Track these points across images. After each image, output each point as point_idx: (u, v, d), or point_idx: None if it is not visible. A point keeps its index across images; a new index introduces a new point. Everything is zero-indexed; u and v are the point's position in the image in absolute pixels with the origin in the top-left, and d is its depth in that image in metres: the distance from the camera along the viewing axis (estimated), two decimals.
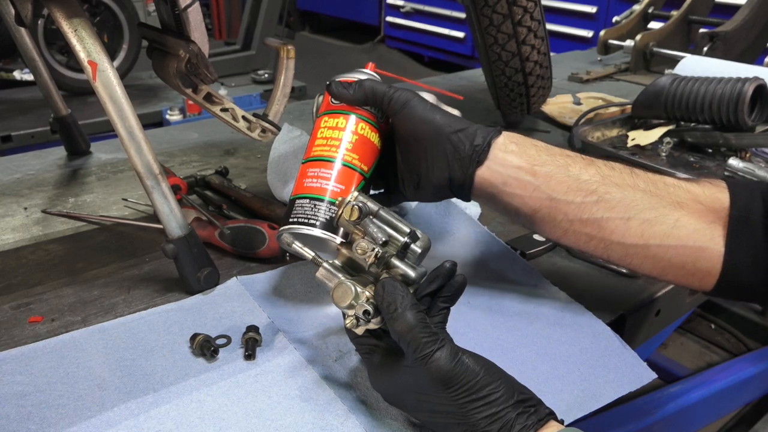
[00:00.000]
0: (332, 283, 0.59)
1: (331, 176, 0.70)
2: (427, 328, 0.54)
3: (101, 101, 0.68)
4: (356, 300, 0.57)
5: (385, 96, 0.70)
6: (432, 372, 0.52)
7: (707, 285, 0.65)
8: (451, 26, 4.63)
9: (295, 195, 0.71)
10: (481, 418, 0.52)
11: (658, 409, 1.26)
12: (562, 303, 0.78)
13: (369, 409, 0.61)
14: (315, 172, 0.71)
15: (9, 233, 0.94)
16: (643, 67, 1.90)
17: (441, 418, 0.54)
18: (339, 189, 0.70)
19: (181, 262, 0.76)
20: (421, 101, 0.70)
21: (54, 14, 0.66)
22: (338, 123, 0.72)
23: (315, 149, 0.72)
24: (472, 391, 0.52)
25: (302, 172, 0.72)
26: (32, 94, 2.70)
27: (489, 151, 0.68)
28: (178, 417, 0.59)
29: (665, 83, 1.23)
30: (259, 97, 3.10)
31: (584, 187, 0.66)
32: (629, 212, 0.65)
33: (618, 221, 0.65)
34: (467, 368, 0.53)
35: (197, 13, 0.92)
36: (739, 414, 1.62)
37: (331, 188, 0.70)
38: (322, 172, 0.70)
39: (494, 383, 0.53)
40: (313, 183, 0.70)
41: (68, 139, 1.22)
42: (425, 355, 0.53)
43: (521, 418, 0.51)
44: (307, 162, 0.72)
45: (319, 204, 0.69)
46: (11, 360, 0.66)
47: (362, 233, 0.60)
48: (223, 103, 0.96)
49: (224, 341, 0.69)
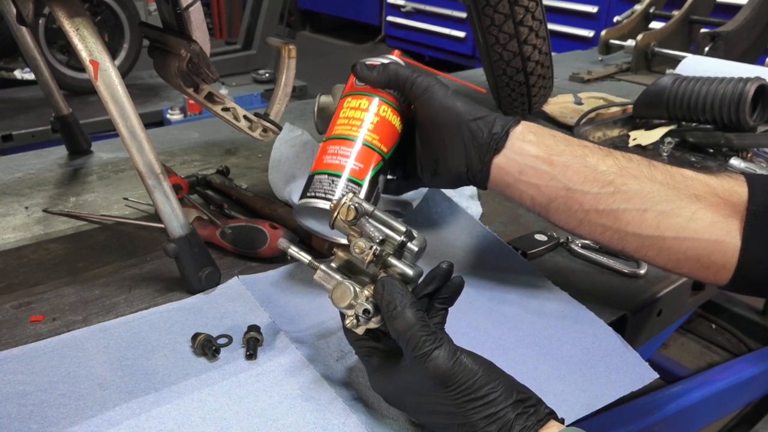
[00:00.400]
0: (330, 285, 0.59)
1: (351, 154, 0.71)
2: (426, 327, 0.54)
3: (103, 101, 0.68)
4: (355, 299, 0.57)
5: (408, 80, 0.71)
6: (430, 371, 0.52)
7: (722, 279, 0.65)
8: (451, 26, 4.63)
9: (315, 171, 0.73)
10: (479, 418, 0.52)
11: (658, 409, 1.26)
12: (564, 303, 0.78)
13: (370, 409, 0.61)
14: (335, 149, 0.72)
15: (10, 232, 0.94)
16: (644, 67, 1.90)
17: (441, 418, 0.54)
18: (358, 167, 0.71)
19: (183, 262, 0.76)
20: (443, 88, 0.71)
21: (56, 13, 0.66)
22: (361, 104, 0.73)
23: (337, 128, 0.74)
24: (470, 391, 0.52)
25: (323, 149, 0.74)
26: (33, 94, 2.70)
27: (507, 139, 0.68)
28: (180, 416, 0.59)
29: (667, 83, 1.23)
30: (260, 97, 3.10)
31: (601, 178, 0.66)
32: (645, 204, 0.65)
33: (634, 212, 0.65)
34: (465, 368, 0.52)
35: (199, 13, 0.92)
36: (739, 414, 1.62)
37: (350, 166, 0.71)
38: (342, 150, 0.72)
39: (493, 383, 0.52)
40: (333, 160, 0.71)
41: (69, 139, 1.22)
42: (424, 354, 0.53)
43: (521, 419, 0.51)
44: (329, 140, 0.74)
45: (338, 180, 0.70)
46: (13, 359, 0.66)
47: (358, 234, 0.60)
48: (224, 102, 0.96)
49: (225, 341, 0.69)
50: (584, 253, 0.88)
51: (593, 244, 0.89)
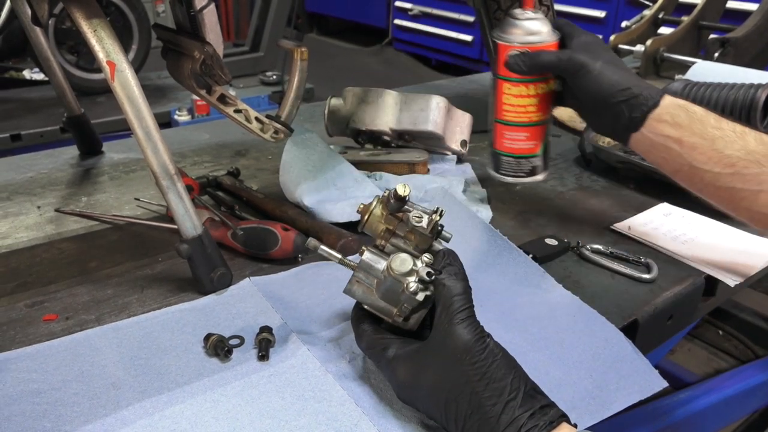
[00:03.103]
0: (383, 260, 0.63)
1: (524, 136, 0.90)
2: (471, 301, 0.58)
3: (119, 101, 0.69)
4: (415, 266, 0.61)
5: (556, 67, 0.82)
6: (456, 336, 0.55)
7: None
8: (459, 29, 4.63)
9: (499, 150, 0.93)
10: (491, 405, 0.52)
11: (666, 416, 1.26)
12: (575, 307, 0.77)
13: (382, 411, 0.61)
14: (511, 135, 0.90)
15: (23, 231, 0.95)
16: (653, 72, 1.89)
17: (452, 407, 0.54)
18: (532, 145, 0.91)
19: (195, 263, 0.77)
20: (593, 63, 0.79)
21: (74, 14, 0.67)
22: (520, 91, 0.87)
23: (507, 114, 0.89)
24: (487, 371, 0.53)
25: (499, 131, 0.92)
26: (42, 94, 2.71)
27: (645, 121, 0.77)
28: (193, 416, 0.60)
29: (677, 89, 1.22)
30: (267, 99, 3.10)
31: (724, 161, 0.73)
32: (761, 186, 0.72)
33: (748, 192, 0.73)
34: (489, 347, 0.55)
35: (212, 15, 0.92)
36: (747, 421, 1.61)
37: (527, 146, 0.91)
38: (518, 135, 0.90)
39: (510, 375, 0.53)
40: (512, 145, 0.91)
41: (81, 139, 1.23)
42: (460, 320, 0.56)
43: (533, 419, 0.51)
44: (502, 124, 0.91)
45: (521, 161, 0.92)
46: (27, 358, 0.67)
47: (392, 226, 0.64)
48: (236, 104, 0.96)
49: (237, 341, 0.70)
50: (594, 258, 0.88)
51: (604, 249, 0.89)
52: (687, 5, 2.01)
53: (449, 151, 1.16)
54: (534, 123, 0.89)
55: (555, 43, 0.85)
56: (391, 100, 1.13)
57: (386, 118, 1.12)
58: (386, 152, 1.11)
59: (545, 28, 0.86)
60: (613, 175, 1.15)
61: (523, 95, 0.87)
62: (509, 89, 0.88)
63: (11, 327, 0.72)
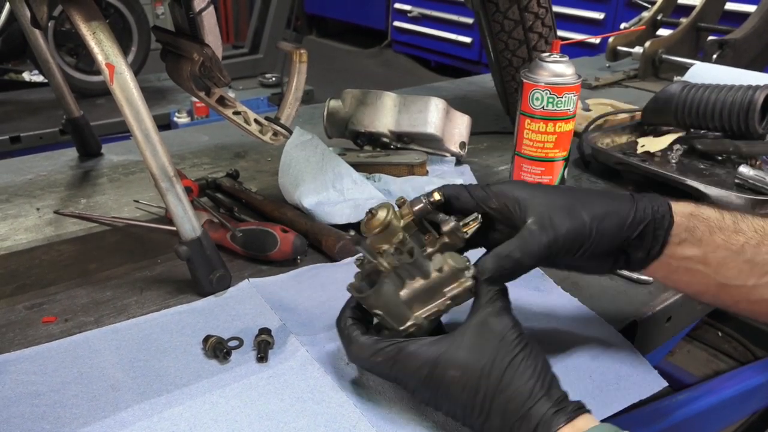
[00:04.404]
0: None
1: (540, 171, 0.97)
2: (507, 294, 0.61)
3: (118, 103, 0.69)
4: None
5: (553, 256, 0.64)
6: (494, 322, 0.56)
7: None
8: (458, 31, 4.64)
9: None
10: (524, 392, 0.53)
11: (665, 417, 1.25)
12: (574, 308, 0.78)
13: (381, 412, 0.61)
14: (528, 168, 0.97)
15: (22, 233, 0.95)
16: (651, 73, 1.90)
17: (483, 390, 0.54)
18: (547, 179, 0.97)
19: (194, 264, 0.77)
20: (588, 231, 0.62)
21: (73, 17, 0.67)
22: (539, 127, 0.94)
23: (525, 148, 0.97)
24: (512, 354, 0.55)
25: (517, 164, 0.99)
26: (41, 96, 2.71)
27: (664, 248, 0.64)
28: (192, 418, 0.60)
29: (675, 90, 1.23)
30: (266, 101, 3.10)
31: (758, 271, 0.62)
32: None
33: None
34: (520, 334, 0.56)
35: (211, 17, 0.93)
36: (746, 423, 1.61)
37: (543, 181, 0.97)
38: (534, 169, 0.97)
39: (533, 365, 0.55)
40: (529, 177, 0.98)
41: (80, 141, 1.23)
42: (501, 307, 0.58)
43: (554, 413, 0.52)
44: (522, 158, 0.98)
45: None
46: (26, 359, 0.67)
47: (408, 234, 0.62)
48: (235, 106, 0.96)
49: (236, 343, 0.70)
50: None
51: None
52: (686, 7, 2.01)
53: (448, 153, 1.16)
54: (550, 159, 0.95)
55: (577, 85, 0.93)
56: (390, 102, 1.13)
57: (385, 120, 1.12)
58: (385, 154, 1.11)
59: (569, 70, 0.93)
60: (612, 176, 1.15)
61: (542, 132, 0.93)
62: (529, 125, 0.94)
63: (10, 329, 0.72)
